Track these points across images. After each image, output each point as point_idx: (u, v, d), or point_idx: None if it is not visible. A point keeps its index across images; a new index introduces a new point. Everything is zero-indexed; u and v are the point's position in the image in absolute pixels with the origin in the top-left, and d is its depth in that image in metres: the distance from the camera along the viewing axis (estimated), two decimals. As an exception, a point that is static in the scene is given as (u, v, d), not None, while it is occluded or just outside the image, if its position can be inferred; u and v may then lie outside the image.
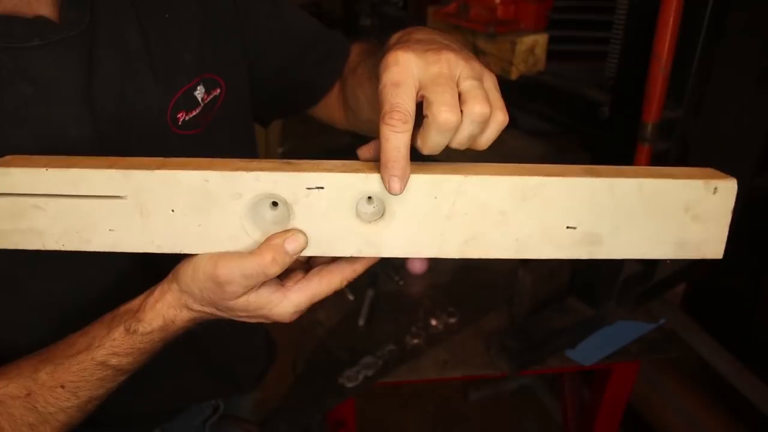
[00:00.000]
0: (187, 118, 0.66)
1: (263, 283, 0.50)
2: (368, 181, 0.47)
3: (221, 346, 0.82)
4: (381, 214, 0.48)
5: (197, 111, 0.67)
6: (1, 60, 0.53)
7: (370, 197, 0.48)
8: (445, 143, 0.45)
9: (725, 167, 0.51)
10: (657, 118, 0.91)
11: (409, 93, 0.43)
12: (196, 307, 0.53)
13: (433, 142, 0.44)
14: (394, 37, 0.52)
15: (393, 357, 1.19)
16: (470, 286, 1.39)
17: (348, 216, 0.48)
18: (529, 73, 1.14)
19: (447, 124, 0.42)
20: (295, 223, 0.49)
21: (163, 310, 0.53)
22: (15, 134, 0.55)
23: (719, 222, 0.50)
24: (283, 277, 0.52)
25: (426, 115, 0.43)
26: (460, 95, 0.44)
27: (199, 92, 0.67)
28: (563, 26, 1.39)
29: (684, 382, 1.61)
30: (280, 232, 0.48)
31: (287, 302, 0.51)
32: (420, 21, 1.38)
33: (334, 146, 1.98)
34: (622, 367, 1.26)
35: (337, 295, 1.35)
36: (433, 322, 1.28)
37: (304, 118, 0.89)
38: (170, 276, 0.53)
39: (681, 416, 1.59)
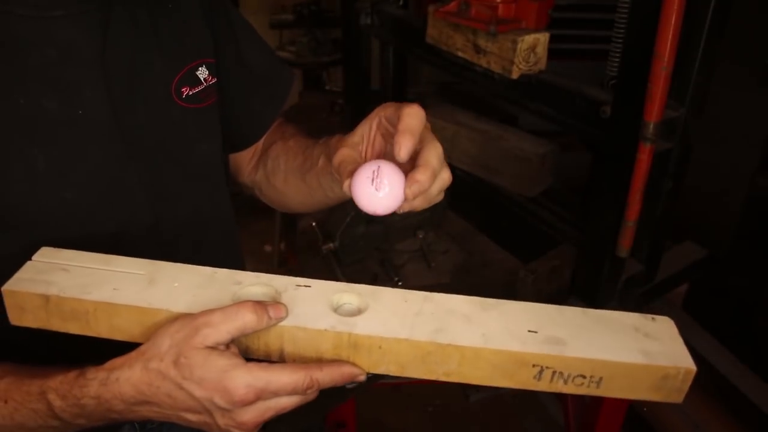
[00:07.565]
0: (190, 93, 0.74)
1: (231, 351, 0.52)
2: (347, 290, 0.57)
3: None
4: (356, 313, 0.56)
5: (200, 88, 0.75)
6: (30, 28, 0.62)
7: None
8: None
9: (727, 166, 0.51)
10: (659, 118, 0.91)
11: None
12: (152, 365, 0.51)
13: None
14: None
15: (393, 357, 1.18)
16: (470, 286, 1.38)
17: (327, 309, 0.56)
18: (530, 72, 1.13)
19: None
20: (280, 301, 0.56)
21: (112, 365, 0.53)
22: (38, 92, 0.63)
23: (674, 341, 0.54)
24: None
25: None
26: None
27: (202, 73, 0.75)
28: (565, 25, 1.39)
29: (685, 382, 1.60)
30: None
31: (244, 371, 0.51)
32: (420, 20, 1.38)
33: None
34: (624, 367, 1.26)
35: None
36: (434, 323, 1.27)
37: (304, 118, 0.89)
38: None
39: (681, 416, 1.58)
